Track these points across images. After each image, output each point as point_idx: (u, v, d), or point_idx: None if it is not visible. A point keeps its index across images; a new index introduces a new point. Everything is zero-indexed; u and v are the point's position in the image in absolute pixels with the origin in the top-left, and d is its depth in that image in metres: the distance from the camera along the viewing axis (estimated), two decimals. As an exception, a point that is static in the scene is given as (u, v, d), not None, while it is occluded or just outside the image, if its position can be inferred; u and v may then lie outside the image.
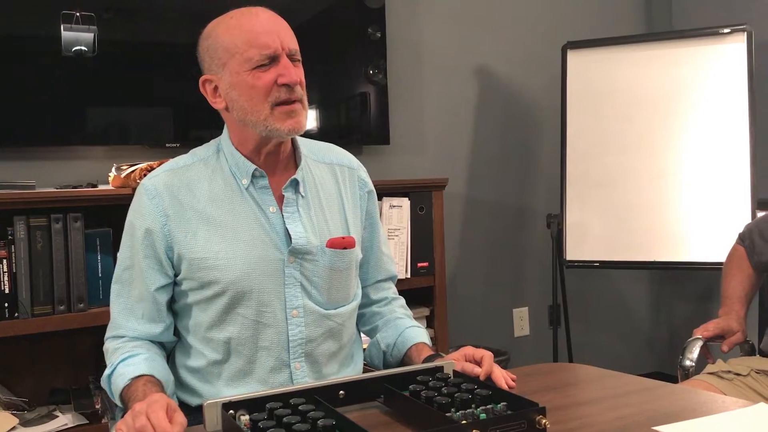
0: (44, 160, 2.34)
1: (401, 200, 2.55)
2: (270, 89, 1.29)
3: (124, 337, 1.35)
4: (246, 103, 1.30)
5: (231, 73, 1.30)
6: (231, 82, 1.31)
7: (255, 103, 1.30)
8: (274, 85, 1.29)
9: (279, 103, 1.30)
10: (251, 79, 1.29)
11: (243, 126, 1.33)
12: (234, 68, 1.30)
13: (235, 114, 1.33)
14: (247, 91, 1.30)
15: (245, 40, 1.29)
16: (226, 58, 1.30)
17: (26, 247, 2.00)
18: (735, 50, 2.72)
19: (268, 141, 1.35)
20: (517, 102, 3.29)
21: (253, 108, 1.30)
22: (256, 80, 1.29)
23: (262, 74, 1.29)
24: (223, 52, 1.30)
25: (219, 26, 1.33)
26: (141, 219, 1.34)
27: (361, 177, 1.51)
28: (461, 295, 3.13)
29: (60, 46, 2.27)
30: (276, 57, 1.29)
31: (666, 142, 2.82)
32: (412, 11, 3.02)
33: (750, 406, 1.18)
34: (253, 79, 1.29)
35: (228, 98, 1.33)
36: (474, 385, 1.16)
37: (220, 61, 1.31)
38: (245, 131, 1.34)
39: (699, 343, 1.83)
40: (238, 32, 1.30)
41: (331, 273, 1.39)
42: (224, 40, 1.31)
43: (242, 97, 1.30)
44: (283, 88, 1.29)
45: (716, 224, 2.71)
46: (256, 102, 1.30)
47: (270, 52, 1.29)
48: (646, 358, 3.62)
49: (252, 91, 1.29)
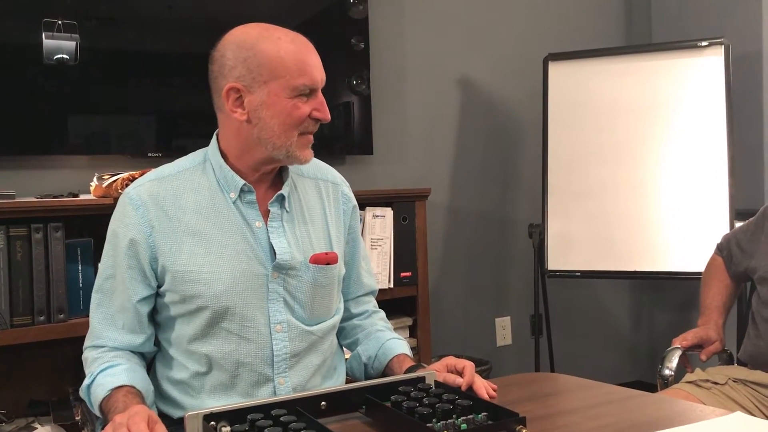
0: (25, 170, 2.32)
1: (384, 210, 2.55)
2: (304, 120, 1.31)
3: (103, 347, 1.34)
4: (277, 127, 1.30)
5: (270, 93, 1.29)
6: (266, 101, 1.29)
7: (286, 128, 1.30)
8: (307, 117, 1.31)
9: (304, 133, 1.33)
10: (291, 107, 1.29)
11: (256, 143, 1.32)
12: (275, 89, 1.29)
13: (257, 131, 1.31)
14: (283, 116, 1.30)
15: (298, 68, 1.28)
16: (269, 77, 1.28)
17: (6, 257, 1.98)
18: (713, 63, 2.77)
19: (274, 161, 1.35)
20: (499, 113, 3.31)
21: (282, 132, 1.30)
22: (295, 109, 1.30)
23: (301, 105, 1.30)
24: (267, 71, 1.28)
25: (265, 43, 1.29)
26: (125, 229, 1.33)
27: (345, 192, 1.52)
28: (444, 305, 3.14)
29: (41, 55, 2.25)
30: (315, 90, 1.32)
31: (646, 153, 2.85)
32: (396, 22, 3.04)
33: (727, 415, 1.20)
34: (292, 108, 1.29)
35: (255, 114, 1.30)
36: (455, 395, 1.16)
37: (261, 77, 1.28)
38: (254, 148, 1.33)
39: (678, 352, 1.85)
40: (291, 58, 1.28)
41: (314, 289, 1.39)
42: (272, 59, 1.28)
43: (274, 120, 1.30)
44: (313, 121, 1.32)
45: (696, 234, 2.74)
46: (288, 128, 1.30)
47: (314, 86, 1.31)
48: (627, 367, 3.65)
49: (289, 118, 1.30)
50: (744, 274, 1.95)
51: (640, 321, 3.72)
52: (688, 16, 3.41)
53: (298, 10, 2.73)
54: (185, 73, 2.50)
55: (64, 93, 2.31)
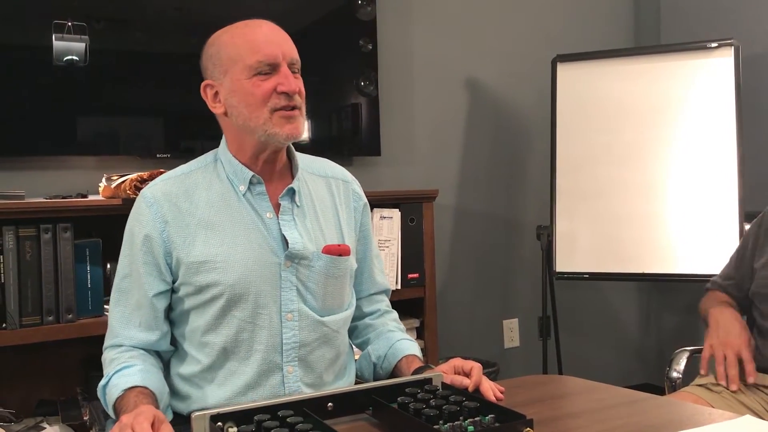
0: (34, 170, 2.34)
1: (392, 211, 2.55)
2: (269, 96, 1.32)
3: (121, 347, 1.36)
4: (245, 109, 1.33)
5: (232, 80, 1.34)
6: (231, 88, 1.34)
7: (254, 108, 1.33)
8: (273, 93, 1.32)
9: (278, 109, 1.33)
10: (250, 86, 1.32)
11: (242, 132, 1.36)
12: (235, 75, 1.33)
13: (234, 120, 1.36)
14: (247, 97, 1.33)
15: (248, 48, 1.33)
16: (228, 65, 1.34)
17: (15, 257, 1.99)
18: (722, 64, 2.75)
19: (265, 147, 1.37)
20: (507, 114, 3.30)
21: (251, 113, 1.33)
22: (255, 87, 1.32)
23: (261, 82, 1.32)
24: (225, 59, 1.34)
25: (224, 35, 1.37)
26: (139, 226, 1.36)
27: (355, 190, 1.53)
28: (451, 307, 3.14)
29: (51, 56, 2.27)
30: (276, 65, 1.33)
31: (655, 155, 2.84)
32: (404, 24, 3.04)
33: (736, 418, 1.19)
34: (252, 86, 1.32)
35: (228, 104, 1.36)
36: (462, 397, 1.16)
37: (222, 67, 1.35)
38: (244, 137, 1.37)
39: (686, 354, 1.84)
40: (241, 41, 1.34)
41: (326, 279, 1.40)
42: (227, 48, 1.35)
43: (241, 103, 1.34)
44: (282, 95, 1.33)
45: (704, 236, 2.73)
46: (255, 107, 1.33)
47: (270, 60, 1.32)
48: (635, 370, 3.63)
49: (251, 97, 1.33)
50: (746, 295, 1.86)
51: (648, 323, 3.70)
52: (697, 17, 3.40)
53: (306, 11, 2.74)
54: (193, 74, 2.49)
55: (74, 94, 2.33)
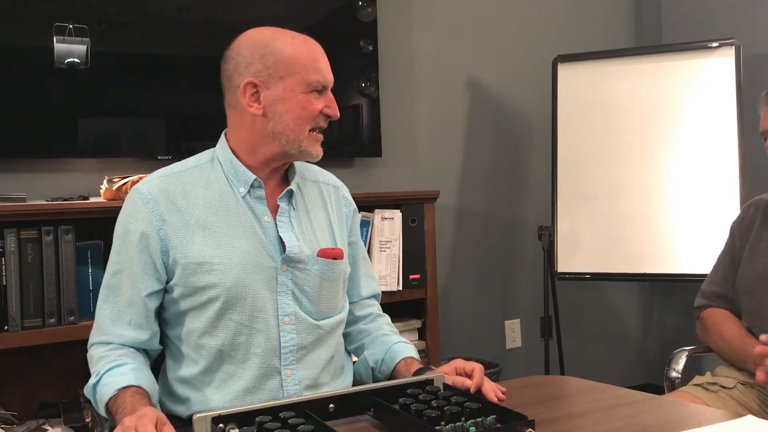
0: (35, 173, 2.34)
1: (393, 212, 2.55)
2: (317, 115, 1.36)
3: (110, 344, 1.34)
4: (291, 121, 1.35)
5: (285, 88, 1.34)
6: (282, 96, 1.34)
7: (300, 123, 1.35)
8: (319, 113, 1.36)
9: (315, 129, 1.37)
10: (305, 101, 1.35)
11: (267, 137, 1.36)
12: (291, 85, 1.34)
13: (272, 125, 1.35)
14: (298, 110, 1.35)
15: (312, 64, 1.35)
16: (285, 72, 1.34)
17: (16, 259, 1.99)
18: (723, 64, 2.75)
19: (285, 157, 1.39)
20: (508, 115, 3.30)
21: (296, 126, 1.35)
22: (309, 103, 1.35)
23: (314, 100, 1.35)
24: (284, 65, 1.34)
25: (280, 41, 1.35)
26: (136, 223, 1.34)
27: (345, 196, 1.56)
28: (453, 307, 3.13)
29: (53, 58, 2.27)
30: (327, 88, 1.38)
31: (656, 155, 2.84)
32: (404, 25, 3.04)
33: (737, 418, 1.19)
34: (307, 102, 1.35)
35: (271, 109, 1.35)
36: (464, 398, 1.16)
37: (277, 73, 1.34)
38: (263, 142, 1.37)
39: (684, 354, 1.84)
40: (304, 55, 1.35)
41: (321, 282, 1.41)
42: (288, 55, 1.34)
43: (289, 114, 1.34)
44: (324, 117, 1.38)
45: (706, 236, 2.72)
46: (302, 122, 1.35)
47: (327, 82, 1.37)
48: (637, 370, 3.63)
49: (303, 111, 1.35)
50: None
51: (650, 323, 3.70)
52: (698, 16, 3.40)
53: (307, 13, 2.74)
54: (195, 76, 2.51)
55: (75, 96, 2.33)
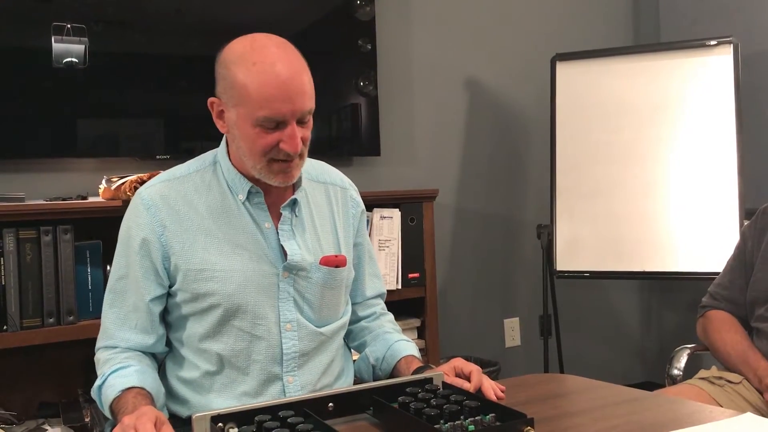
0: (34, 173, 2.34)
1: (392, 211, 2.55)
2: (269, 149, 1.27)
3: (116, 348, 1.35)
4: (246, 149, 1.30)
5: (238, 116, 1.28)
6: (236, 123, 1.29)
7: (253, 153, 1.29)
8: (275, 147, 1.27)
9: (276, 160, 1.29)
10: (254, 135, 1.27)
11: (238, 154, 1.34)
12: (242, 114, 1.27)
13: (235, 147, 1.33)
14: (248, 142, 1.28)
15: (259, 97, 1.23)
16: (237, 100, 1.27)
17: (15, 259, 1.99)
18: (721, 62, 2.75)
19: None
20: (507, 113, 3.30)
21: (250, 155, 1.30)
22: (258, 137, 1.27)
23: (265, 134, 1.26)
24: (236, 93, 1.26)
25: (238, 64, 1.26)
26: (138, 229, 1.34)
27: (353, 197, 1.53)
28: (452, 306, 3.14)
29: (51, 58, 2.27)
30: (284, 122, 1.26)
31: (654, 153, 2.84)
32: (403, 24, 3.04)
33: (737, 416, 1.19)
34: (255, 136, 1.27)
35: (231, 130, 1.31)
36: (463, 396, 1.16)
37: (232, 99, 1.28)
38: (240, 158, 1.34)
39: (686, 352, 1.84)
40: (255, 84, 1.23)
41: (323, 290, 1.40)
42: (238, 84, 1.25)
43: (243, 142, 1.29)
44: (281, 151, 1.28)
45: (705, 234, 2.72)
46: (254, 153, 1.29)
47: (278, 117, 1.25)
48: (636, 368, 3.63)
49: (252, 145, 1.28)
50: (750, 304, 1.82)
51: (649, 321, 3.70)
52: (696, 15, 3.40)
53: (305, 12, 2.73)
54: (193, 75, 2.50)
55: (73, 96, 2.33)
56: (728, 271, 1.91)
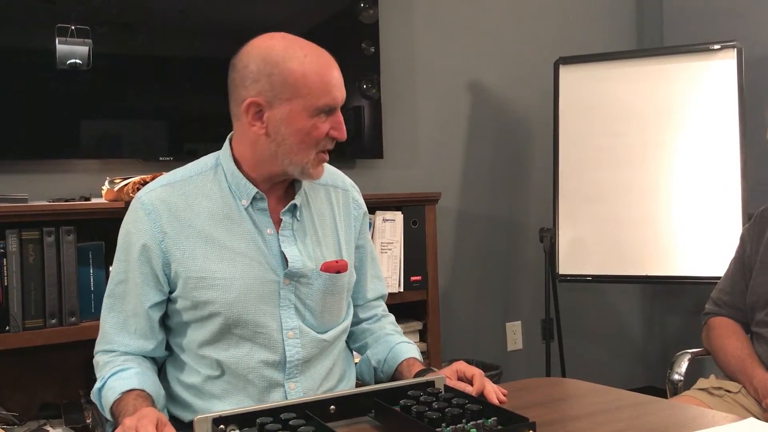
0: (37, 174, 2.34)
1: (394, 214, 2.55)
2: (322, 139, 1.31)
3: (114, 352, 1.34)
4: (295, 145, 1.30)
5: (291, 111, 1.28)
6: (287, 119, 1.28)
7: (305, 147, 1.30)
8: (325, 136, 1.31)
9: (321, 151, 1.33)
10: (310, 126, 1.29)
11: (270, 156, 1.32)
12: (296, 108, 1.28)
13: (274, 146, 1.31)
14: (302, 135, 1.29)
15: (322, 88, 1.28)
16: (291, 94, 1.27)
17: (18, 260, 1.99)
18: (725, 66, 2.75)
19: (286, 176, 1.35)
20: (510, 117, 3.30)
21: (301, 150, 1.30)
22: (314, 129, 1.29)
23: (320, 124, 1.30)
24: (291, 88, 1.27)
25: (291, 60, 1.28)
26: (138, 234, 1.33)
27: (355, 198, 1.51)
28: (454, 309, 3.13)
29: (55, 59, 2.27)
30: (335, 109, 1.31)
31: (657, 157, 2.84)
32: (406, 27, 3.04)
33: (739, 421, 1.19)
34: (311, 127, 1.29)
35: (274, 129, 1.29)
36: (465, 400, 1.16)
37: (284, 94, 1.27)
38: (267, 161, 1.33)
39: (687, 357, 1.83)
40: (315, 76, 1.27)
41: (324, 296, 1.39)
42: (296, 74, 1.27)
43: (293, 137, 1.29)
44: (330, 140, 1.32)
45: (708, 239, 2.72)
46: (306, 146, 1.30)
47: (335, 104, 1.31)
48: (638, 373, 3.62)
49: (307, 137, 1.29)
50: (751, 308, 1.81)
51: (651, 326, 3.69)
52: (700, 19, 3.40)
53: (309, 14, 2.74)
54: (196, 77, 2.51)
55: (77, 97, 2.33)
56: (729, 276, 1.91)
